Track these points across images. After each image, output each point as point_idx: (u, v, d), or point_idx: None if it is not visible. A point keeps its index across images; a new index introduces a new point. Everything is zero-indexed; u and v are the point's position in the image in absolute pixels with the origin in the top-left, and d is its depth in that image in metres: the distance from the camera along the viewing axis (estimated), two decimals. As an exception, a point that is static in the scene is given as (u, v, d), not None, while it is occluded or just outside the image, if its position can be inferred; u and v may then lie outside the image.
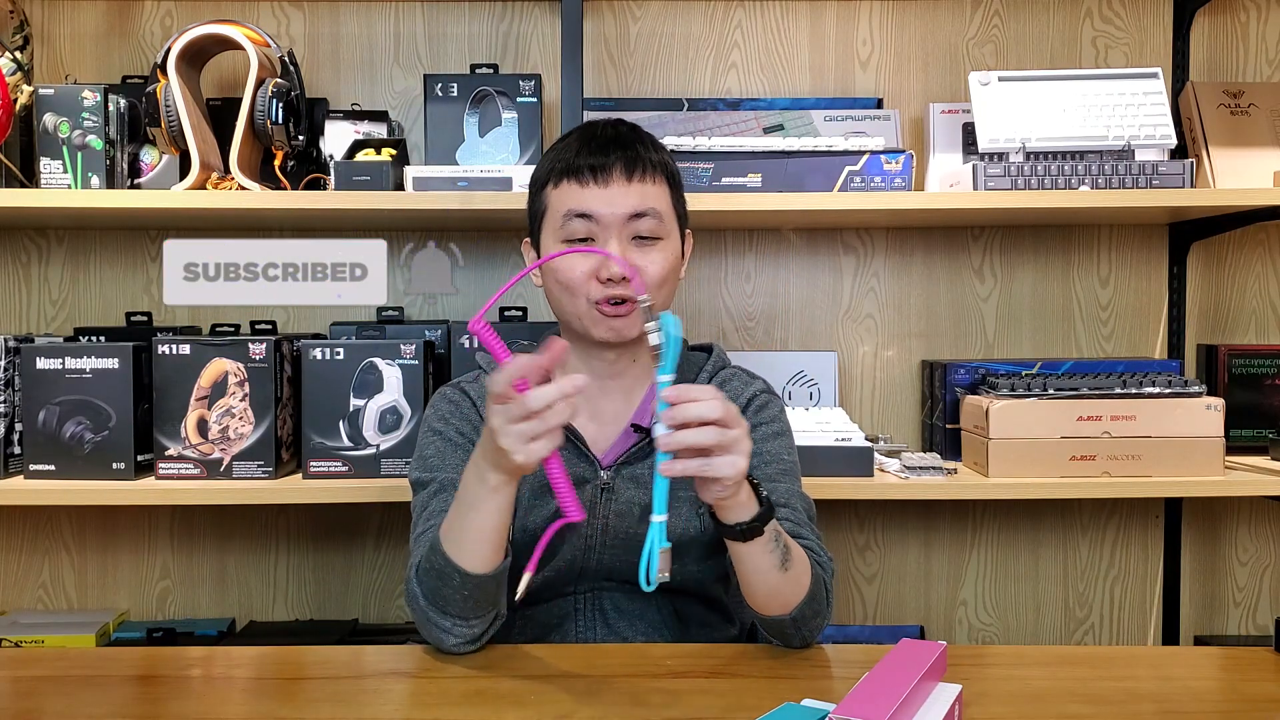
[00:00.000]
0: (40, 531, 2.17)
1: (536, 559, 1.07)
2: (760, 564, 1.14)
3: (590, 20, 2.14)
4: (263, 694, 1.10)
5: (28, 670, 1.16)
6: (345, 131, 2.00)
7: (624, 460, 1.31)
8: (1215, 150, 2.03)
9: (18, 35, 1.93)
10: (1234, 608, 2.23)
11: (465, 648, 1.18)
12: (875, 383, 2.20)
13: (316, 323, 2.15)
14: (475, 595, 1.14)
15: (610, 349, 1.32)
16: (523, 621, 1.32)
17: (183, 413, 1.78)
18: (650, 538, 1.04)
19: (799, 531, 1.25)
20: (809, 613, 1.19)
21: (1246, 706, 1.05)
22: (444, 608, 1.16)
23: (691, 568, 1.31)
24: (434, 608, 1.16)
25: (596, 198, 1.26)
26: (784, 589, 1.16)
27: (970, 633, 2.22)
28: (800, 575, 1.17)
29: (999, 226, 2.18)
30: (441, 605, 1.16)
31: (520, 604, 1.30)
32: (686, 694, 1.05)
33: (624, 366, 1.35)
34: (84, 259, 2.14)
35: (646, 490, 1.30)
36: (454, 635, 1.17)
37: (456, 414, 1.35)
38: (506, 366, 1.02)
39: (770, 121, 2.08)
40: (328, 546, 2.19)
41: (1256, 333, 2.20)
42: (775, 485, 1.29)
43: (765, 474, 1.30)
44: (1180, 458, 1.83)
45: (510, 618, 1.32)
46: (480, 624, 1.18)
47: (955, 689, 0.96)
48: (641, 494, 1.30)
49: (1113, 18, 2.18)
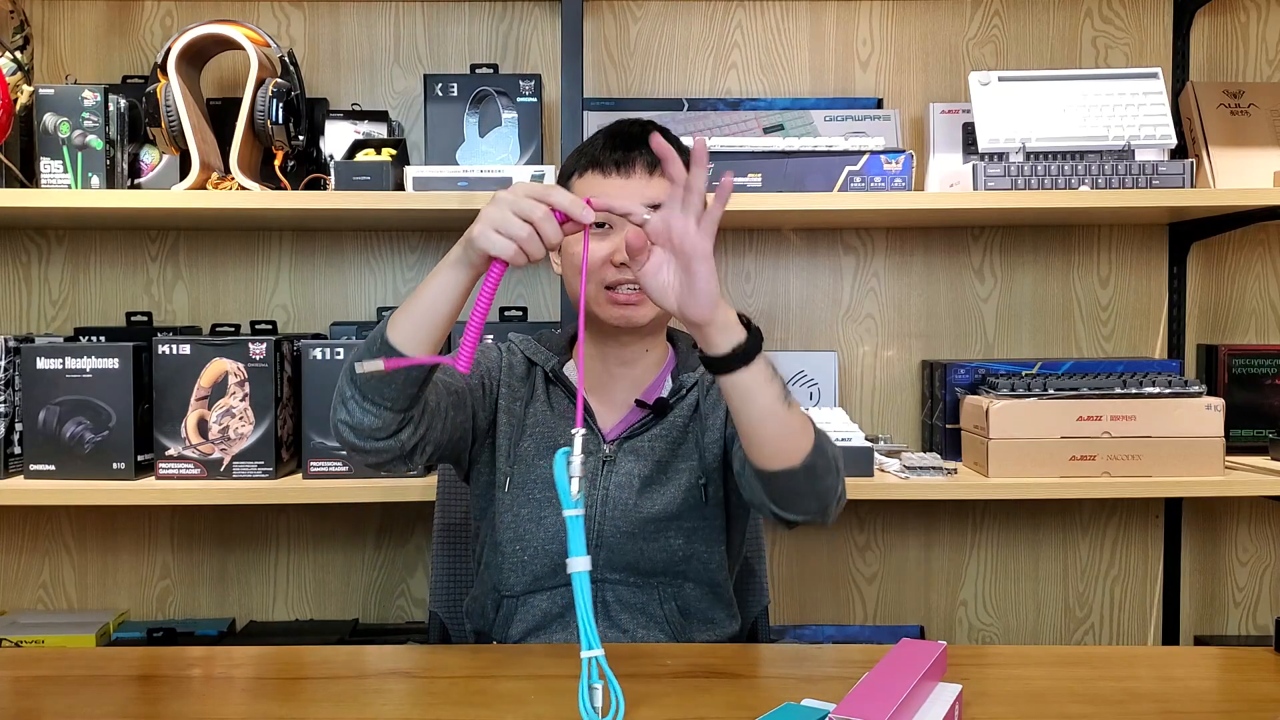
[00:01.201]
0: (40, 531, 2.17)
1: (406, 363, 1.09)
2: (760, 398, 1.11)
3: (590, 20, 2.14)
4: (263, 694, 1.10)
5: (28, 670, 1.16)
6: (345, 131, 2.00)
7: (627, 435, 1.35)
8: (1215, 150, 2.03)
9: (18, 35, 1.93)
10: (1234, 608, 2.23)
11: (366, 423, 1.16)
12: (875, 383, 2.20)
13: (316, 323, 2.15)
14: (390, 376, 1.13)
15: (622, 335, 1.35)
16: (524, 609, 1.33)
17: (183, 413, 1.78)
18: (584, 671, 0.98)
19: None
20: (820, 465, 1.16)
21: (1246, 706, 1.05)
22: (354, 380, 1.15)
23: (699, 547, 1.32)
24: (349, 380, 1.16)
25: (618, 188, 1.30)
26: (789, 429, 1.13)
27: (970, 633, 2.23)
28: (804, 421, 1.15)
29: (999, 226, 2.18)
30: (353, 377, 1.15)
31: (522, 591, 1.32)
32: (686, 694, 1.05)
33: (636, 355, 1.38)
34: (84, 259, 2.15)
35: (646, 462, 1.33)
36: (354, 405, 1.15)
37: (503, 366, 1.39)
38: (565, 195, 1.05)
39: (770, 121, 2.08)
40: (328, 546, 2.19)
41: (1256, 333, 2.21)
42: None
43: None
44: (1180, 458, 1.83)
45: (511, 604, 1.33)
46: (383, 415, 1.15)
47: (955, 689, 0.96)
48: (641, 465, 1.32)
49: (1113, 18, 2.18)
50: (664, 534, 1.31)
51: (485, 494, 1.38)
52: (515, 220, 1.04)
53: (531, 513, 1.32)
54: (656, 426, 1.35)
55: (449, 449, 1.31)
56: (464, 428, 1.32)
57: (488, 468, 1.37)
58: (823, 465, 1.16)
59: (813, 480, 1.16)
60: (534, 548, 1.31)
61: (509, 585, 1.33)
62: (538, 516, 1.31)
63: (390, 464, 1.22)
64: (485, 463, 1.37)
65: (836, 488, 1.20)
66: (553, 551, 1.30)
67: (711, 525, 1.34)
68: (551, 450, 1.33)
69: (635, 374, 1.39)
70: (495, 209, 1.06)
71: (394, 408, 1.15)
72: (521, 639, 1.33)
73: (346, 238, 2.16)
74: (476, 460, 1.38)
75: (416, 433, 1.20)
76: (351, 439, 1.18)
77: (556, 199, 1.05)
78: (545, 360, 1.38)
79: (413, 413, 1.17)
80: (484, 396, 1.36)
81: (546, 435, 1.34)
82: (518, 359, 1.40)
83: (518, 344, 1.42)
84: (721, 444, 1.35)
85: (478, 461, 1.38)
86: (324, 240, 2.16)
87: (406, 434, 1.18)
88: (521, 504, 1.32)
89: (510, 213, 1.04)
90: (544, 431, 1.35)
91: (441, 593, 1.56)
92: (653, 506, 1.31)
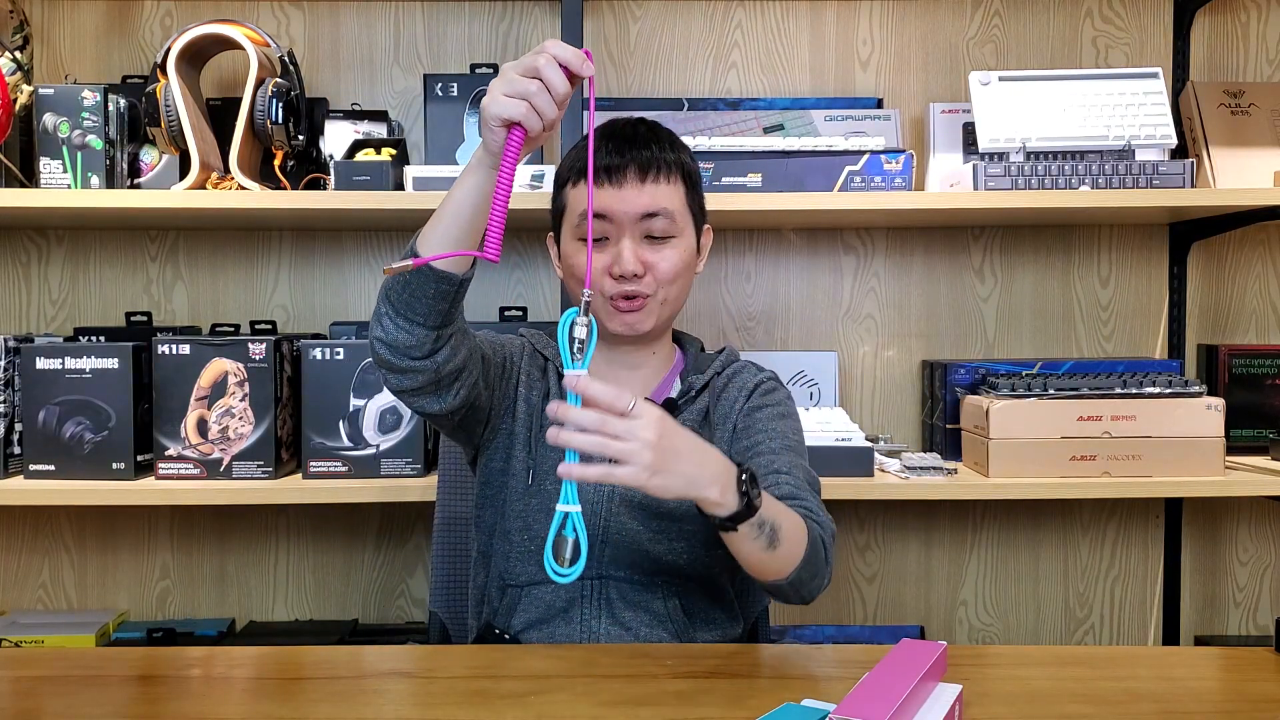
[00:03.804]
0: (40, 531, 2.17)
1: (434, 259, 1.11)
2: (744, 549, 1.15)
3: (590, 20, 2.14)
4: (263, 694, 1.10)
5: (28, 670, 1.16)
6: (345, 131, 2.00)
7: None
8: (1215, 150, 2.03)
9: (18, 35, 1.93)
10: (1234, 608, 2.23)
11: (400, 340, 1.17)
12: (875, 383, 2.20)
13: (316, 323, 2.15)
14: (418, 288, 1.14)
15: (627, 341, 1.36)
16: (527, 599, 1.33)
17: (183, 413, 1.78)
18: (554, 524, 1.07)
19: (797, 494, 1.26)
20: (805, 576, 1.20)
21: (1246, 706, 1.05)
22: (389, 296, 1.16)
23: (699, 552, 1.32)
24: (384, 297, 1.17)
25: (610, 197, 1.30)
26: (774, 564, 1.17)
27: (970, 633, 2.22)
28: (793, 549, 1.17)
29: (999, 226, 2.18)
30: (387, 293, 1.16)
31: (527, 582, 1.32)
32: (686, 694, 1.04)
33: (642, 359, 1.39)
34: (84, 259, 2.14)
35: None
36: (388, 321, 1.17)
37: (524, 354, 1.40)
38: (565, 47, 1.07)
39: (770, 121, 2.08)
40: (328, 546, 2.19)
41: (1256, 333, 2.21)
42: (777, 456, 1.30)
43: (769, 448, 1.31)
44: (1180, 458, 1.83)
45: (515, 594, 1.33)
46: (416, 331, 1.16)
47: (955, 689, 0.96)
48: None
49: (1113, 18, 2.18)
50: (667, 534, 1.31)
51: (495, 480, 1.37)
52: (520, 79, 1.06)
53: (542, 504, 1.32)
54: None
55: (472, 410, 1.31)
56: (485, 397, 1.32)
57: (501, 454, 1.37)
58: (808, 574, 1.20)
59: (798, 588, 1.21)
60: (542, 539, 1.31)
61: (514, 575, 1.33)
62: (548, 509, 1.31)
63: (424, 392, 1.22)
64: (499, 448, 1.37)
65: (824, 586, 1.24)
66: None
67: (714, 529, 1.33)
68: (560, 449, 1.33)
69: (642, 376, 1.40)
70: (499, 78, 1.07)
71: (427, 323, 1.16)
72: (525, 629, 1.33)
73: (346, 238, 2.16)
74: (488, 444, 1.38)
75: (453, 359, 1.20)
76: (387, 356, 1.18)
77: (556, 50, 1.06)
78: (555, 356, 1.38)
79: (447, 331, 1.18)
80: (504, 376, 1.36)
81: None
82: (533, 352, 1.41)
83: (529, 338, 1.42)
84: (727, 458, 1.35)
85: (489, 445, 1.38)
86: (324, 240, 2.16)
87: (443, 356, 1.19)
88: (533, 494, 1.33)
89: (514, 74, 1.06)
90: None
91: (441, 593, 1.56)
92: (658, 507, 1.31)
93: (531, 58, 1.06)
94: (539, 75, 1.06)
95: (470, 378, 1.26)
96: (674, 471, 1.06)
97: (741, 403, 1.38)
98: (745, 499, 1.11)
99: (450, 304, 1.16)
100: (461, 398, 1.25)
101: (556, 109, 1.07)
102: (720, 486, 1.10)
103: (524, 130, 1.07)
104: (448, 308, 1.16)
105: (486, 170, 1.12)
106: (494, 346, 1.36)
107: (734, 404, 1.38)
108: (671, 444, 1.06)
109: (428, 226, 1.15)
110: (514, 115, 1.06)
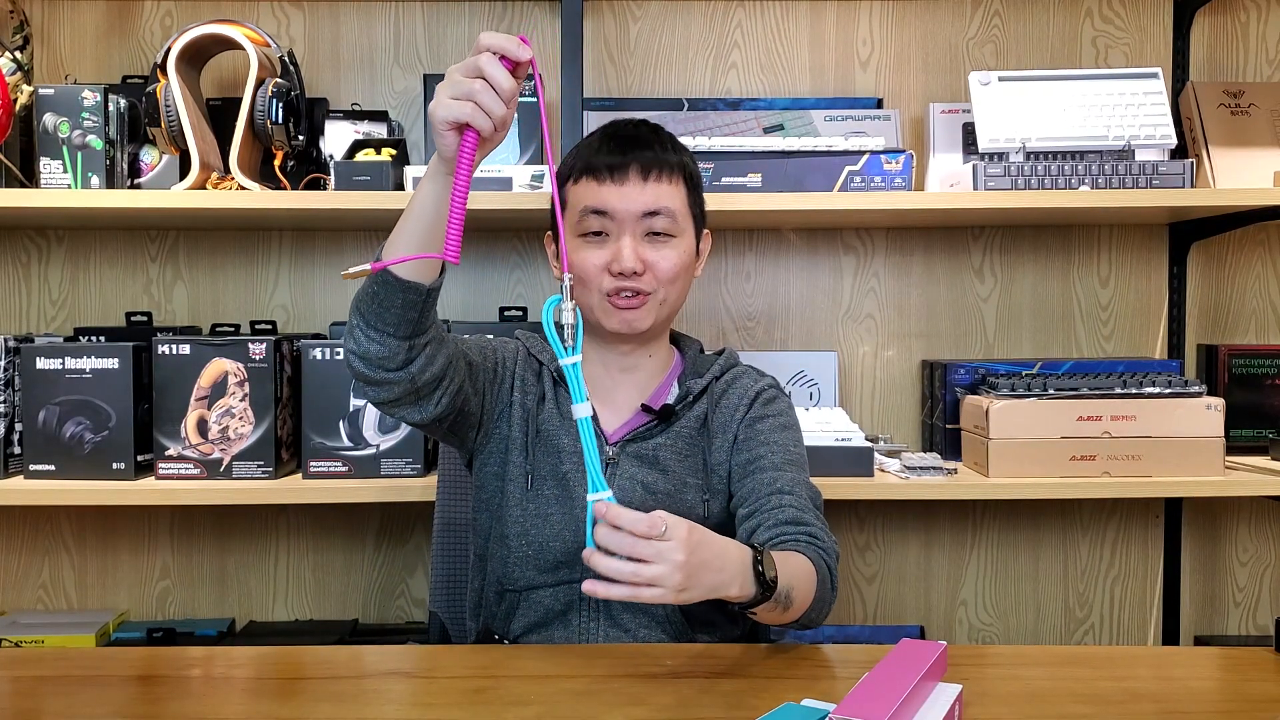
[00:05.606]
0: (40, 531, 2.17)
1: (394, 262, 1.11)
2: (761, 617, 1.17)
3: (590, 20, 2.14)
4: (263, 694, 1.10)
5: (28, 670, 1.16)
6: (345, 131, 2.00)
7: (630, 438, 1.34)
8: (1215, 150, 2.03)
9: (18, 35, 1.93)
10: (1234, 608, 2.23)
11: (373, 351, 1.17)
12: (875, 383, 2.20)
13: (316, 323, 2.15)
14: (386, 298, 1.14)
15: (624, 341, 1.36)
16: (526, 603, 1.33)
17: (183, 413, 1.78)
18: (589, 517, 1.06)
19: (801, 517, 1.26)
20: (813, 614, 1.22)
21: (1246, 706, 1.05)
22: (359, 308, 1.17)
23: None
24: (354, 309, 1.18)
25: (612, 195, 1.30)
26: (787, 618, 1.20)
27: (970, 633, 2.22)
28: (804, 601, 1.19)
29: (999, 226, 2.18)
30: (358, 305, 1.17)
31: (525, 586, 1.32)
32: (686, 694, 1.05)
33: (638, 361, 1.39)
34: (84, 259, 2.14)
35: (648, 467, 1.33)
36: (359, 334, 1.17)
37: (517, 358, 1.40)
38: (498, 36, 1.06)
39: (770, 121, 2.08)
40: (328, 546, 2.19)
41: (1256, 333, 2.21)
42: (780, 474, 1.31)
43: (772, 463, 1.32)
44: (1180, 458, 1.83)
45: (514, 598, 1.33)
46: (388, 342, 1.16)
47: (955, 689, 0.96)
48: (644, 470, 1.33)
49: (1113, 18, 2.18)
50: None
51: (491, 485, 1.37)
52: (464, 80, 1.05)
53: (539, 509, 1.32)
54: (662, 434, 1.35)
55: (460, 416, 1.31)
56: (474, 403, 1.32)
57: (496, 459, 1.37)
58: (815, 612, 1.22)
59: (805, 624, 1.23)
60: (539, 544, 1.31)
61: (513, 579, 1.33)
62: (545, 514, 1.32)
63: (403, 402, 1.22)
64: (494, 453, 1.37)
65: (826, 612, 1.26)
66: (557, 549, 1.31)
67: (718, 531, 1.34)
68: (558, 452, 1.33)
69: (638, 379, 1.39)
70: (443, 82, 1.07)
71: (398, 334, 1.15)
72: (523, 634, 1.33)
73: (346, 238, 2.16)
74: (482, 449, 1.38)
75: (429, 368, 1.20)
76: (362, 368, 1.19)
77: (490, 42, 1.06)
78: (550, 360, 1.38)
79: (420, 341, 1.18)
80: (495, 381, 1.36)
81: (552, 436, 1.34)
82: (528, 356, 1.41)
83: (524, 341, 1.42)
84: (727, 468, 1.36)
85: (483, 450, 1.38)
86: (324, 240, 2.16)
87: (418, 365, 1.18)
88: (531, 499, 1.33)
89: (457, 76, 1.06)
90: (550, 432, 1.35)
91: (441, 593, 1.56)
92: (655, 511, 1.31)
93: (473, 57, 1.06)
94: (481, 74, 1.05)
95: (452, 385, 1.25)
96: (700, 585, 1.06)
97: (742, 412, 1.37)
98: (762, 586, 1.12)
99: (420, 313, 1.15)
100: (444, 406, 1.25)
101: (503, 105, 1.06)
102: (740, 583, 1.10)
103: (477, 132, 1.06)
104: (417, 317, 1.15)
105: (444, 177, 1.11)
106: (483, 351, 1.36)
107: (734, 412, 1.37)
108: (700, 559, 1.06)
109: (391, 236, 1.15)
110: (460, 117, 1.05)
